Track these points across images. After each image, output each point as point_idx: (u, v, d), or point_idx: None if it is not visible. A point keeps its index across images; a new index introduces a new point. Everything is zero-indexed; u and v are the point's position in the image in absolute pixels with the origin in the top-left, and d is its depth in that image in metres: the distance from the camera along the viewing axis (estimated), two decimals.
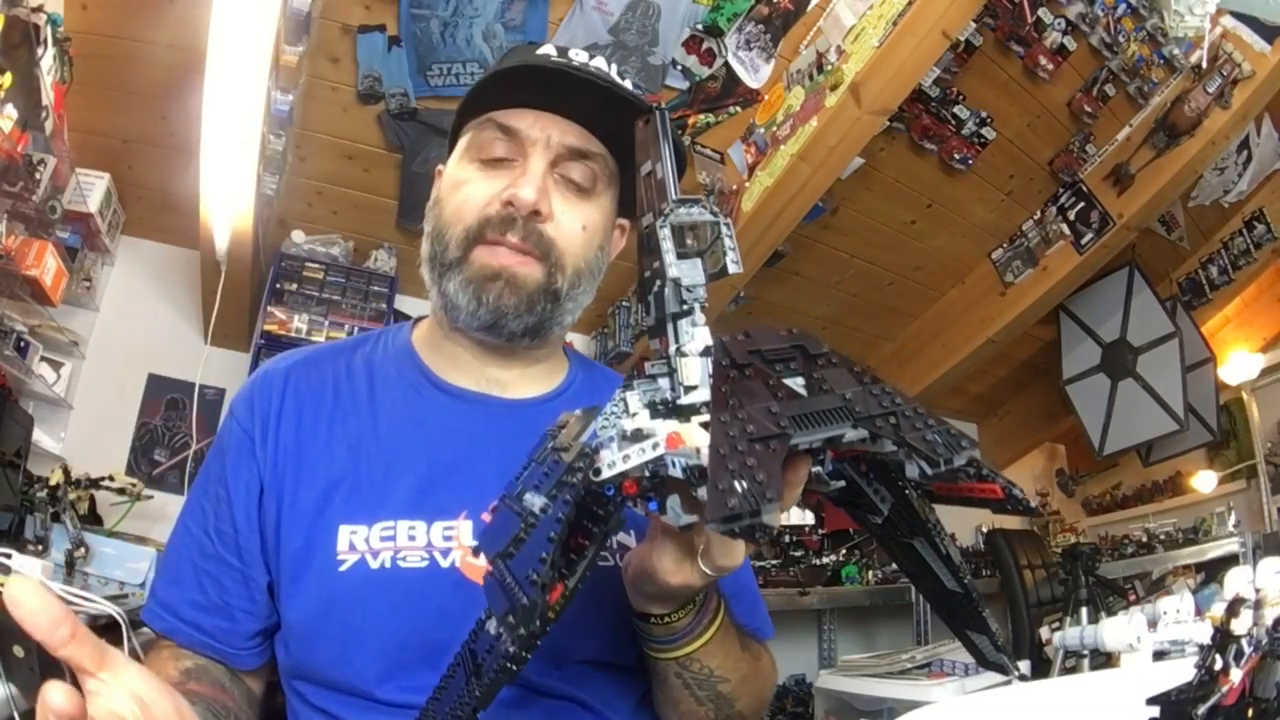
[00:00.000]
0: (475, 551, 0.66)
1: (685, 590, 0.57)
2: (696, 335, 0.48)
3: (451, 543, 0.71)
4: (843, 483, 0.49)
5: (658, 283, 0.48)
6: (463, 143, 0.81)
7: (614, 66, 0.78)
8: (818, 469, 0.47)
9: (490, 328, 0.76)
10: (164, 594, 0.77)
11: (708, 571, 0.54)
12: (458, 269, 0.76)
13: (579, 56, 0.77)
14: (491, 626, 0.48)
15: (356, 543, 0.71)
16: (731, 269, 0.48)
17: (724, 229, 0.49)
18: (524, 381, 0.83)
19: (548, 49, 0.77)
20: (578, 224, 0.77)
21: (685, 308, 0.48)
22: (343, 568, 0.70)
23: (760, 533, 0.37)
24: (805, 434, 0.40)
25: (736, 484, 0.36)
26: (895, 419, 0.43)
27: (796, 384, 0.43)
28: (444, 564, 0.71)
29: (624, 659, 0.71)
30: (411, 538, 0.71)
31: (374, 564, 0.70)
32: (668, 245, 0.48)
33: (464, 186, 0.77)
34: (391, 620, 0.68)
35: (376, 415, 0.78)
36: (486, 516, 0.61)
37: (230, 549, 0.75)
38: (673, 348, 0.48)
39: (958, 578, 0.52)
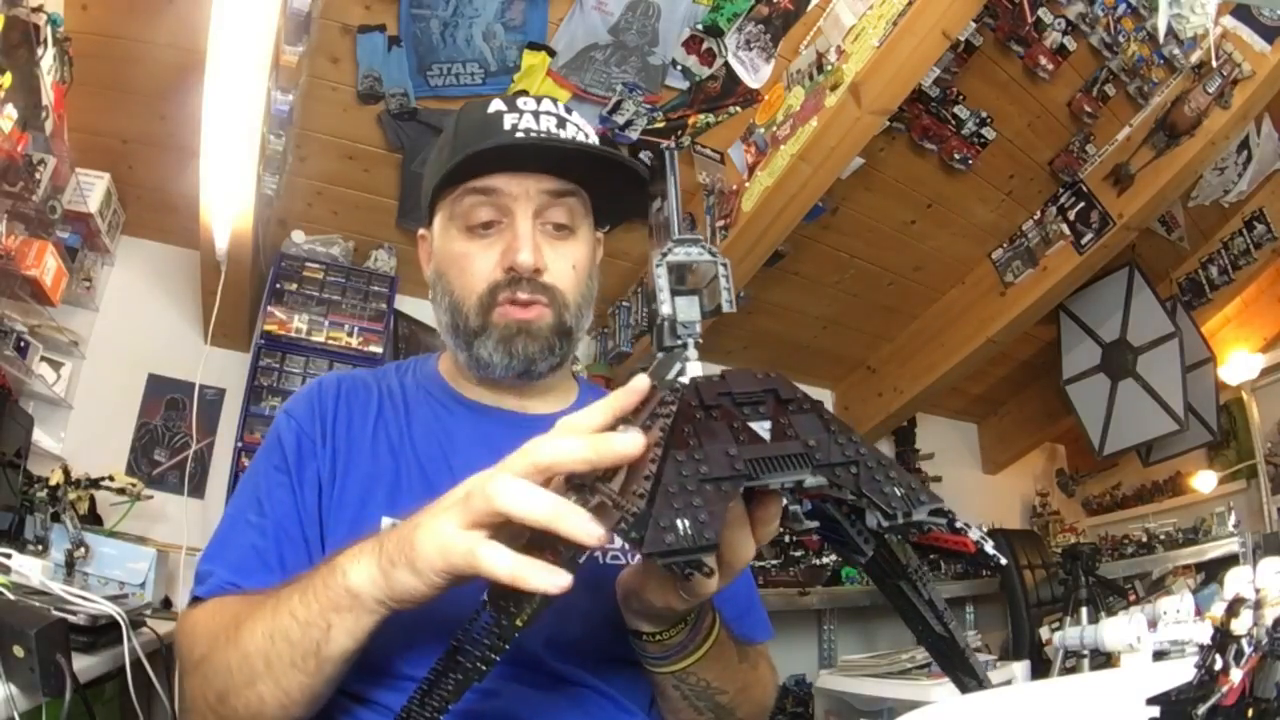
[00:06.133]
0: None
1: (669, 612, 0.59)
2: (687, 369, 0.50)
3: None
4: (817, 524, 0.50)
5: (658, 317, 0.51)
6: (443, 212, 0.87)
7: (560, 107, 0.85)
8: (795, 508, 0.49)
9: (523, 374, 0.85)
10: (230, 575, 0.75)
11: (686, 597, 0.56)
12: (484, 334, 0.84)
13: (529, 105, 0.83)
14: (484, 619, 0.51)
15: None
16: (725, 308, 0.51)
17: (720, 269, 0.51)
18: (541, 405, 0.92)
19: (498, 105, 0.83)
20: (568, 264, 0.85)
21: (679, 342, 0.50)
22: None
23: (695, 570, 0.39)
24: (762, 478, 0.42)
25: (678, 522, 0.38)
26: (856, 468, 0.44)
27: (763, 428, 0.45)
28: None
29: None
30: None
31: None
32: (662, 284, 0.50)
33: (462, 260, 0.85)
34: (428, 607, 0.72)
35: (412, 427, 0.86)
36: None
37: (297, 535, 0.78)
38: None
39: (942, 622, 0.53)
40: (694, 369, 0.49)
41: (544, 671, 0.73)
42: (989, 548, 0.48)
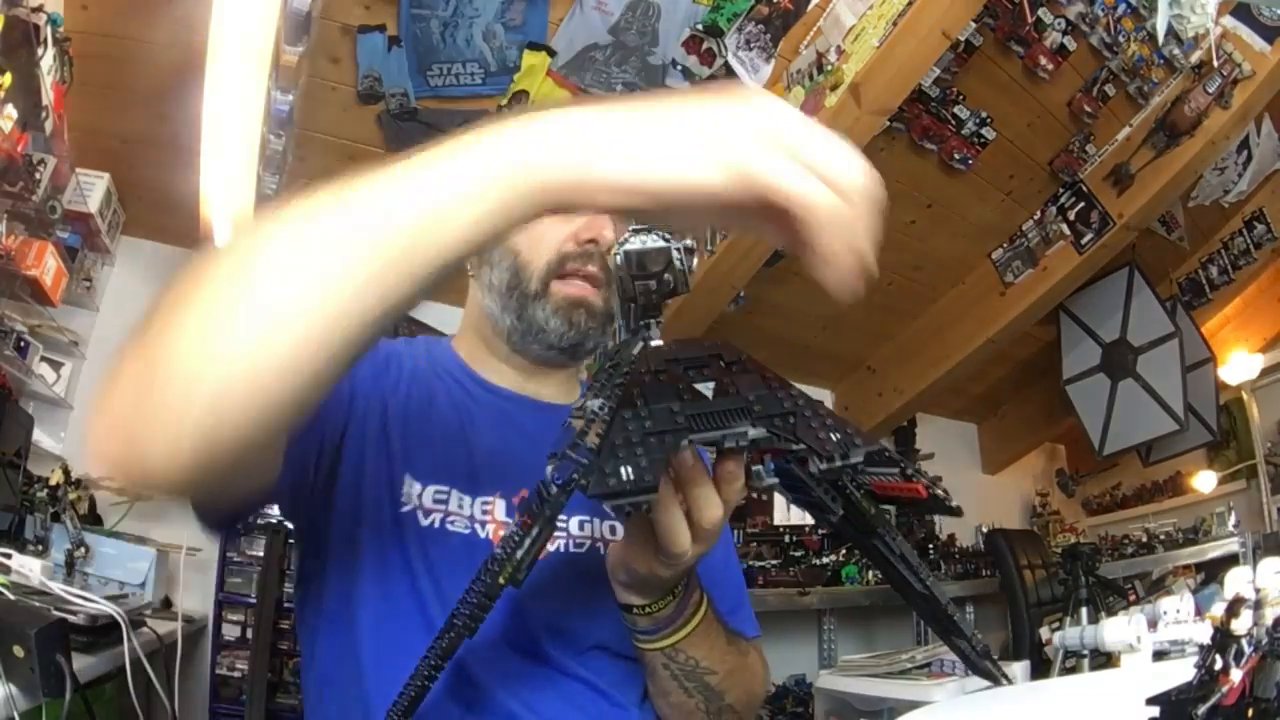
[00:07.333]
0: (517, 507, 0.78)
1: (653, 577, 0.62)
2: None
3: (488, 517, 0.79)
4: (777, 480, 0.53)
5: (621, 301, 0.55)
6: None
7: None
8: (757, 467, 0.52)
9: (573, 347, 0.88)
10: None
11: (666, 561, 0.59)
12: (541, 300, 0.86)
13: None
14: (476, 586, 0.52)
15: (411, 495, 0.78)
16: (680, 290, 0.54)
17: (674, 253, 0.54)
18: (557, 395, 0.94)
19: None
20: None
21: (642, 324, 0.54)
22: (404, 509, 0.77)
23: (636, 509, 0.44)
24: (703, 431, 0.46)
25: (622, 469, 0.43)
26: (794, 419, 0.48)
27: (707, 388, 0.49)
28: (481, 534, 0.78)
29: (633, 651, 0.75)
30: (460, 505, 0.79)
31: (424, 521, 0.77)
32: (622, 272, 0.54)
33: (536, 225, 0.82)
34: (429, 575, 0.75)
35: (435, 400, 0.87)
36: (517, 500, 0.79)
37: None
38: None
39: (918, 577, 0.54)
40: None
41: (540, 662, 0.75)
42: (939, 491, 0.49)
